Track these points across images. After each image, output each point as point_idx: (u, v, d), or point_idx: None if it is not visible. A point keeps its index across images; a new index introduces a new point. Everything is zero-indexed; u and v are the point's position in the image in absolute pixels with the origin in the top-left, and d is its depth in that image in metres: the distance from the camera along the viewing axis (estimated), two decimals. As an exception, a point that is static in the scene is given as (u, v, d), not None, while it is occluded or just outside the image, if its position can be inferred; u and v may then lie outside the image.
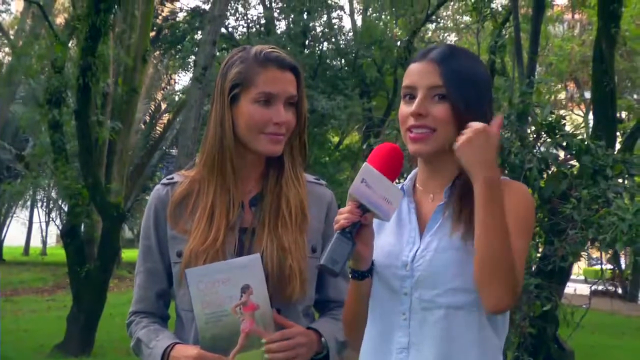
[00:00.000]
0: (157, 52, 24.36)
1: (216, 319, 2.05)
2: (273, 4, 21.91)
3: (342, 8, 22.11)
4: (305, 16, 20.39)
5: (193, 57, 19.95)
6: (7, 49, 22.97)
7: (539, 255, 5.95)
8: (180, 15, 23.99)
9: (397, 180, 1.96)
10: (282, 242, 2.15)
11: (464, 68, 1.93)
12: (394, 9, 22.47)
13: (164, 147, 27.02)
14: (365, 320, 2.00)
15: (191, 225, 2.19)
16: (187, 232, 2.19)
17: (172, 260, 2.22)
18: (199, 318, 2.06)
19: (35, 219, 34.59)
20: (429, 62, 1.94)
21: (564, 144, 5.87)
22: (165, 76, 28.96)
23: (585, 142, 5.81)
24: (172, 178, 2.33)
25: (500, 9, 16.66)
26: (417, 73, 1.95)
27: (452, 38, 26.39)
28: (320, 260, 1.84)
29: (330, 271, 1.83)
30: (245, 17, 22.14)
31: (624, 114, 21.47)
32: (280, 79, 2.18)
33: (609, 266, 7.24)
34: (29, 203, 31.55)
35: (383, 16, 23.58)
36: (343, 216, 1.85)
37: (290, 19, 20.68)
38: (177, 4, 24.61)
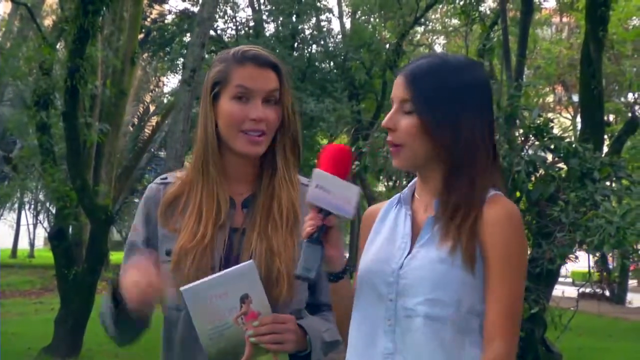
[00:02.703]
0: (146, 54, 24.28)
1: (219, 333, 2.03)
2: (262, 7, 21.90)
3: (330, 11, 22.12)
4: (294, 19, 20.39)
5: (182, 60, 19.92)
6: (-6, 51, 22.84)
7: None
8: (169, 18, 23.96)
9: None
10: (271, 243, 2.15)
11: (434, 81, 1.92)
12: (382, 12, 22.52)
13: (152, 150, 26.93)
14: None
15: (181, 224, 2.19)
16: (177, 230, 2.19)
17: (161, 259, 2.20)
18: (202, 335, 2.04)
19: (23, 221, 34.43)
20: (401, 75, 1.96)
21: (552, 146, 5.89)
22: (153, 78, 28.92)
23: (573, 145, 5.83)
24: (165, 178, 2.33)
25: (488, 12, 16.72)
26: (394, 86, 1.99)
27: (440, 41, 26.48)
28: (296, 271, 1.88)
29: (307, 279, 1.87)
30: (234, 20, 22.12)
31: (611, 117, 21.58)
32: (257, 75, 2.19)
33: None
34: (16, 205, 31.39)
35: (372, 19, 23.61)
36: (307, 224, 1.89)
37: (279, 22, 20.66)
38: (166, 6, 24.57)
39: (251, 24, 21.88)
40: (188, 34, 20.38)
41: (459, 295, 1.83)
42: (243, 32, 21.84)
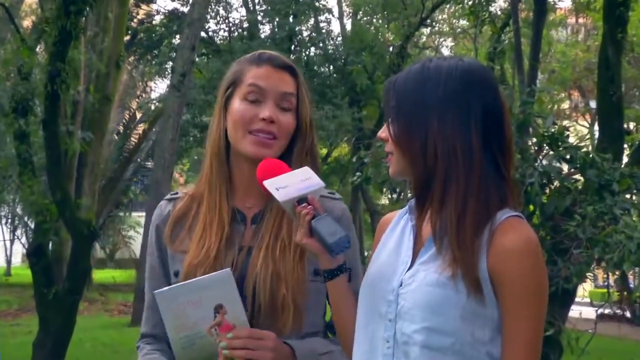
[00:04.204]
0: (132, 58, 24.33)
1: (191, 342, 2.05)
2: (257, 7, 21.96)
3: (330, 11, 22.16)
4: (291, 20, 20.43)
5: (170, 63, 19.95)
6: (-31, 54, 22.86)
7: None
8: (157, 18, 24.03)
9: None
10: (278, 268, 2.15)
11: (405, 90, 1.93)
12: (385, 12, 22.55)
13: (138, 160, 26.92)
14: (354, 325, 2.00)
15: (188, 243, 2.21)
16: (184, 251, 2.21)
17: (172, 281, 2.24)
18: (175, 343, 2.06)
19: (-1, 236, 34.40)
20: (387, 83, 1.99)
21: (568, 157, 5.88)
22: (140, 83, 28.94)
23: (590, 155, 5.82)
24: (175, 193, 2.37)
25: (499, 12, 16.77)
26: None
27: (448, 43, 26.52)
28: (330, 249, 1.93)
29: (342, 243, 1.93)
30: (226, 21, 22.18)
31: (631, 125, 21.59)
32: (272, 76, 2.23)
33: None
34: (-8, 220, 31.37)
35: (374, 20, 23.65)
36: (304, 213, 1.95)
37: (275, 23, 20.71)
38: (154, 6, 24.62)
39: (245, 25, 21.93)
40: (177, 36, 20.44)
41: (461, 324, 1.81)
42: (236, 33, 21.90)
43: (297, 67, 2.31)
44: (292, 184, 2.00)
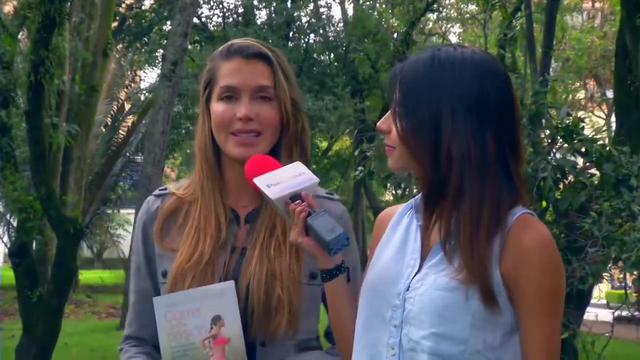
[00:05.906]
0: (120, 45, 24.29)
1: (183, 352, 2.08)
2: (253, -9, 21.93)
3: (331, -5, 22.16)
4: (289, 4, 20.42)
5: (161, 51, 19.94)
6: (-52, 41, 22.81)
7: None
8: (147, 3, 23.99)
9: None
10: (274, 267, 2.16)
11: (419, 81, 1.89)
12: (390, -3, 22.55)
13: (127, 154, 26.85)
14: (353, 329, 2.00)
15: (179, 242, 2.22)
16: (174, 250, 2.22)
17: (159, 281, 2.26)
18: (166, 352, 2.09)
19: (-20, 235, 34.38)
20: (393, 71, 1.96)
21: (583, 150, 5.88)
22: (129, 72, 28.88)
23: (607, 148, 5.82)
24: (164, 189, 2.38)
25: (510, -4, 16.74)
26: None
27: (456, 30, 26.53)
28: (328, 246, 1.92)
29: (340, 239, 1.93)
30: (220, 6, 22.15)
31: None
32: (243, 69, 2.23)
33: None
34: (-28, 218, 31.35)
35: (377, 5, 23.63)
36: (298, 210, 1.95)
37: (272, 8, 20.70)
38: (143, -9, 24.60)
39: (240, 10, 21.92)
40: (168, 22, 20.41)
41: (472, 331, 1.80)
42: (231, 19, 21.89)
43: (273, 53, 2.28)
44: (283, 180, 2.00)
